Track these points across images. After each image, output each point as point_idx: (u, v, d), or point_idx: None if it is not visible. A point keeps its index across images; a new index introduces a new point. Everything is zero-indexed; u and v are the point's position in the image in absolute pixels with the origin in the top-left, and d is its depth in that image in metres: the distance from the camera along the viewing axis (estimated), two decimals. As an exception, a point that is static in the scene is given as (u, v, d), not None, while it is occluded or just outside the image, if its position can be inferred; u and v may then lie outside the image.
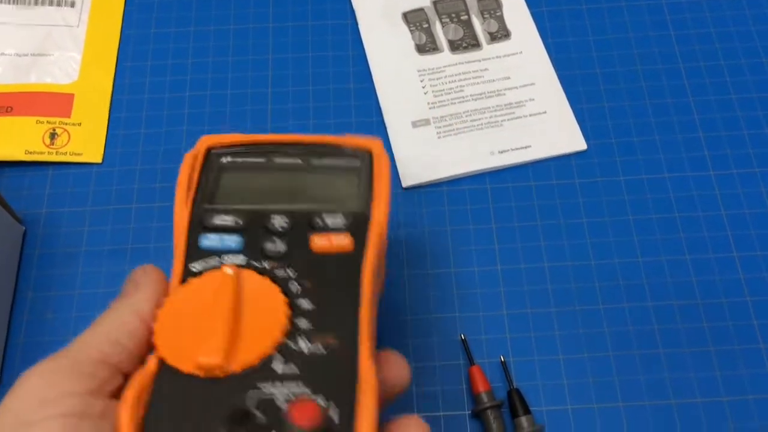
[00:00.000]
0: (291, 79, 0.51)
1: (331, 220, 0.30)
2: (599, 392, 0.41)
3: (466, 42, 0.52)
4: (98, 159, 0.47)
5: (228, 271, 0.28)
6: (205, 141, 0.33)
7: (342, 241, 0.30)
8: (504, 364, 0.41)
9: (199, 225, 0.30)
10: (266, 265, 0.29)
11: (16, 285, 0.44)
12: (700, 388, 0.41)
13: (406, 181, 0.47)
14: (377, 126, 0.49)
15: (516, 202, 0.47)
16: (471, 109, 0.49)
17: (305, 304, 0.28)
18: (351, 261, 0.29)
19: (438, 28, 0.53)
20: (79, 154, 0.47)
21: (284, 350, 0.27)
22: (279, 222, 0.30)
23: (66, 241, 0.45)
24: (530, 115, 0.49)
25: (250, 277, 0.28)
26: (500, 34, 0.52)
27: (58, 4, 0.52)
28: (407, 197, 0.47)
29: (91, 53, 0.51)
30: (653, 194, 0.47)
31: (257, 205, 0.31)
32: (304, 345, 0.27)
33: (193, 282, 0.28)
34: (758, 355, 0.42)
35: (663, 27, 0.52)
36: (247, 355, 0.26)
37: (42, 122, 0.48)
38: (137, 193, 0.47)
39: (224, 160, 0.33)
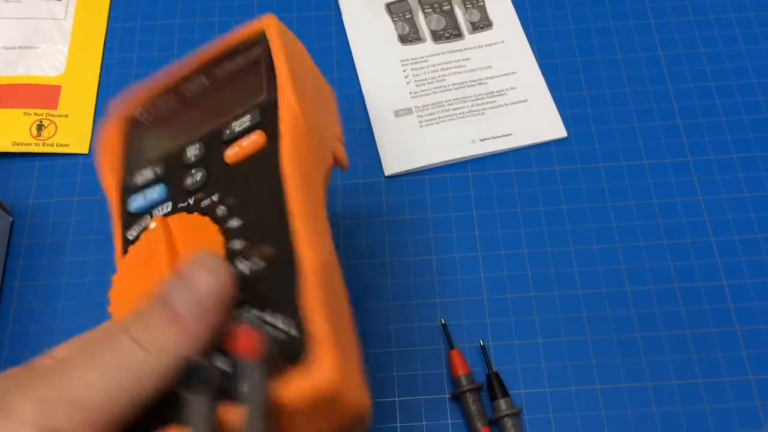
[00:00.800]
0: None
1: (238, 125, 0.29)
2: (577, 375, 0.42)
3: (449, 32, 0.53)
4: (85, 150, 0.48)
5: (152, 225, 0.27)
6: (119, 110, 0.33)
7: (252, 142, 0.28)
8: (483, 348, 0.42)
9: (126, 191, 0.30)
10: (191, 201, 0.28)
11: (4, 275, 0.44)
12: (676, 370, 0.42)
13: (388, 169, 0.48)
14: (360, 115, 0.50)
15: (497, 189, 0.47)
16: (453, 98, 0.50)
17: (234, 222, 0.27)
18: (267, 156, 0.28)
19: (421, 18, 0.53)
20: (65, 145, 0.48)
21: None
22: (192, 152, 0.30)
23: (53, 231, 0.46)
24: (511, 104, 0.50)
25: (181, 220, 0.28)
26: (482, 23, 0.53)
27: (45, -2, 0.53)
28: (389, 185, 0.47)
29: (77, 46, 0.51)
30: (632, 180, 0.47)
31: (173, 145, 0.31)
32: (243, 266, 0.26)
33: (132, 249, 0.27)
34: (734, 338, 0.42)
35: (643, 16, 0.53)
36: None
37: (29, 114, 0.48)
38: (123, 184, 0.47)
39: (139, 117, 0.33)
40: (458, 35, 0.53)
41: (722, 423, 0.40)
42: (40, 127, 0.48)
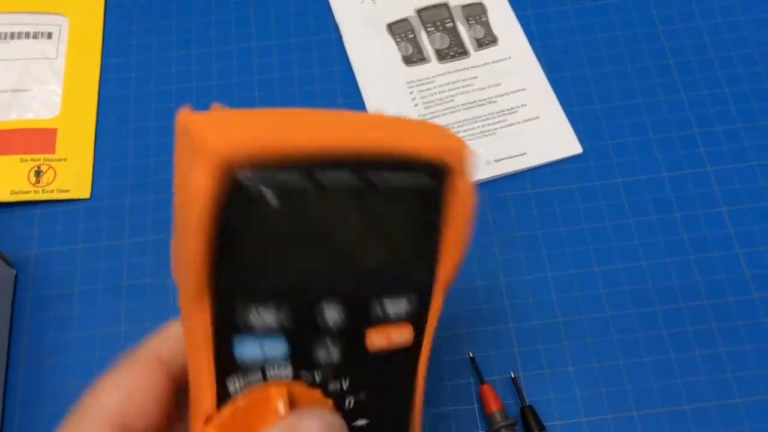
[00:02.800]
0: (277, 99, 0.50)
1: (392, 307, 0.24)
2: (612, 402, 0.40)
3: (453, 50, 0.51)
4: (86, 194, 0.46)
5: (280, 408, 0.22)
6: (218, 152, 0.20)
7: (402, 337, 0.25)
8: (515, 381, 0.41)
9: (228, 321, 0.22)
10: (317, 376, 0.23)
11: (11, 331, 0.43)
12: (714, 391, 0.40)
13: (403, 197, 0.46)
14: (369, 142, 0.48)
15: (515, 211, 0.46)
16: (463, 119, 0.49)
17: (360, 422, 0.24)
18: (408, 359, 0.25)
19: (424, 38, 0.52)
20: (66, 191, 0.46)
21: None
22: (332, 317, 0.23)
23: (58, 282, 0.44)
24: (523, 121, 0.49)
25: (301, 391, 0.23)
26: (487, 39, 0.52)
27: (35, 37, 0.51)
28: (404, 214, 0.46)
29: (72, 85, 0.50)
30: (652, 194, 0.46)
31: (302, 279, 0.23)
32: None
33: (236, 407, 0.22)
34: (769, 354, 0.41)
35: (650, 23, 0.52)
36: None
37: (26, 160, 0.47)
38: (129, 228, 0.46)
39: (264, 190, 0.21)
40: (464, 53, 0.51)
41: (766, 444, 0.39)
42: (38, 173, 0.46)
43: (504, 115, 0.49)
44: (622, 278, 0.44)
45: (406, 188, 0.23)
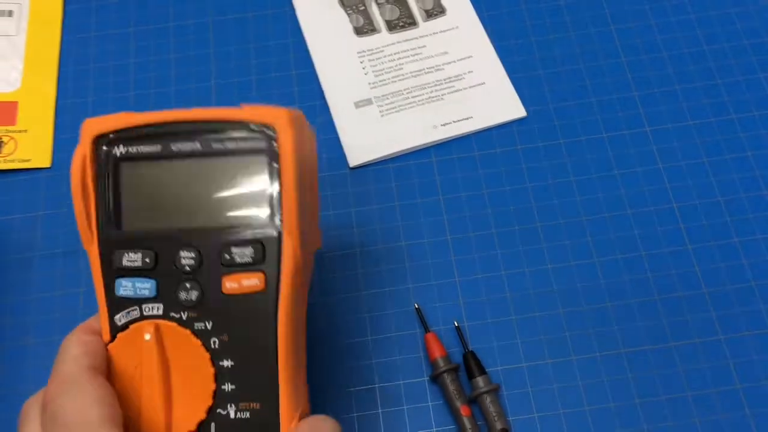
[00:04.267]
0: (234, 72, 0.52)
1: (239, 256, 0.29)
2: (552, 348, 0.42)
3: (403, 21, 0.53)
4: (47, 163, 0.48)
5: (147, 337, 0.29)
6: (90, 128, 0.29)
7: (251, 282, 0.29)
8: (458, 329, 0.42)
9: (111, 266, 0.30)
10: (184, 316, 0.29)
11: (-26, 294, 0.44)
12: (649, 336, 0.42)
13: (353, 161, 0.48)
14: (321, 109, 0.50)
15: (461, 172, 0.48)
16: (411, 86, 0.50)
17: (226, 362, 0.29)
18: (265, 302, 0.29)
19: (374, 9, 0.54)
20: (27, 161, 0.48)
21: (216, 417, 0.29)
22: (187, 260, 0.29)
23: (19, 247, 0.46)
24: (470, 87, 0.50)
25: (173, 331, 0.29)
26: (436, 11, 0.53)
27: (-5, 15, 0.52)
28: (355, 177, 0.48)
29: (32, 60, 0.51)
30: (592, 154, 0.48)
31: (164, 224, 0.30)
32: (231, 410, 0.29)
33: (122, 340, 0.29)
34: (702, 299, 0.43)
35: (593, -8, 0.54)
36: (186, 423, 0.29)
37: (-13, 132, 0.48)
38: (88, 194, 0.47)
39: (117, 152, 0.30)
40: (413, 24, 0.53)
41: (695, 383, 0.41)
42: (-1, 144, 0.48)
43: (451, 81, 0.51)
44: (562, 233, 0.46)
45: (241, 150, 0.29)
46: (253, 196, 0.29)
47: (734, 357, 0.42)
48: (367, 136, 0.49)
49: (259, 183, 0.29)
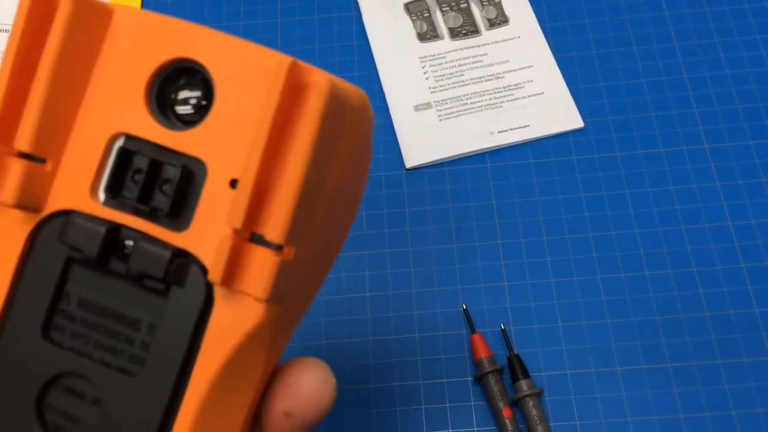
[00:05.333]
0: (298, 70, 0.53)
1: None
2: (597, 357, 0.43)
3: (466, 29, 0.54)
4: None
5: None
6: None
7: None
8: (504, 332, 0.43)
9: None
10: None
11: None
12: (696, 351, 0.42)
13: (409, 161, 0.49)
14: (381, 111, 0.51)
15: (515, 179, 0.48)
16: (471, 92, 0.51)
17: None
18: None
19: (438, 17, 0.55)
20: None
21: None
22: None
23: None
24: (528, 96, 0.51)
25: None
26: (499, 20, 0.54)
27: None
28: (410, 177, 0.49)
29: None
30: (648, 168, 0.48)
31: None
32: None
33: None
34: (753, 318, 0.43)
35: (658, 8, 0.54)
36: None
37: None
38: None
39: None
40: (475, 32, 0.54)
41: (742, 401, 0.41)
42: None
43: (510, 89, 0.51)
44: (614, 244, 0.46)
45: None
46: None
47: (784, 379, 0.41)
48: (424, 139, 0.50)
49: None
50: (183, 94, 0.21)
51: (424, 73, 0.52)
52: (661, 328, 0.43)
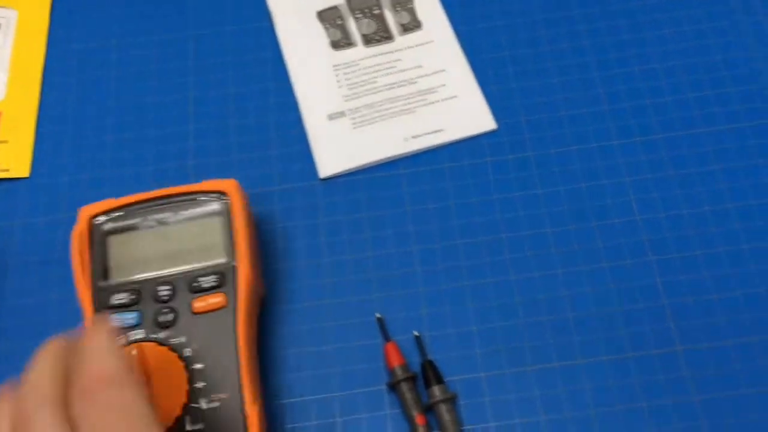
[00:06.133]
0: (213, 84, 0.53)
1: (205, 282, 0.39)
2: (510, 358, 0.43)
3: (380, 35, 0.54)
4: (25, 173, 0.49)
5: (133, 352, 0.36)
6: (86, 212, 0.41)
7: (216, 301, 0.39)
8: (418, 339, 0.43)
9: (101, 306, 0.39)
10: (161, 334, 0.38)
11: (-49, 298, 0.45)
12: (607, 348, 0.43)
13: (323, 171, 0.49)
14: (295, 121, 0.51)
15: (429, 184, 0.48)
16: (385, 98, 0.51)
17: (198, 365, 0.37)
18: (226, 314, 0.38)
19: (352, 24, 0.55)
20: (6, 170, 0.49)
21: (190, 410, 0.36)
22: (164, 292, 0.39)
23: (-3, 254, 0.47)
24: (442, 101, 0.51)
25: (153, 349, 0.37)
26: (412, 25, 0.54)
27: (-17, 28, 0.54)
28: (325, 187, 0.49)
29: (17, 72, 0.53)
30: (560, 167, 0.48)
31: (143, 273, 0.40)
32: (203, 403, 0.36)
33: None
34: (662, 312, 0.43)
35: (567, 8, 0.54)
36: (165, 420, 0.35)
37: (-30, 142, 0.50)
38: (67, 204, 0.48)
39: (106, 226, 0.41)
40: (389, 38, 0.54)
41: (652, 393, 0.41)
42: (-20, 154, 0.49)
43: (424, 94, 0.51)
44: (525, 245, 0.46)
45: (203, 213, 0.41)
46: (214, 244, 0.40)
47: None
48: (338, 148, 0.50)
49: (218, 234, 0.40)
50: None
51: (338, 82, 0.52)
52: (574, 325, 0.43)
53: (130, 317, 0.38)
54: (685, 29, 0.53)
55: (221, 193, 0.41)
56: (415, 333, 0.43)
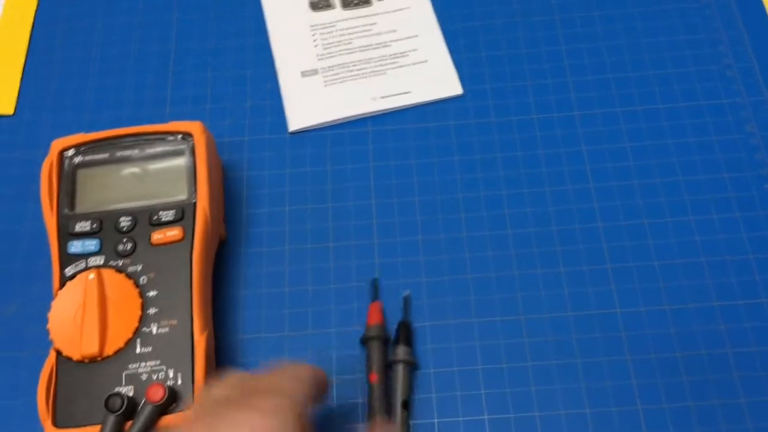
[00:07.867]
0: (194, 37, 0.55)
1: (165, 216, 0.41)
2: (481, 330, 0.44)
3: (358, -1, 0.56)
4: (10, 111, 0.51)
5: (90, 276, 0.39)
6: (57, 145, 0.43)
7: (173, 234, 0.41)
8: (405, 299, 0.45)
9: (65, 232, 0.41)
10: (120, 262, 0.40)
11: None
12: (557, 351, 0.45)
13: (292, 125, 0.51)
14: (270, 77, 0.53)
15: (393, 143, 0.50)
16: (357, 59, 0.53)
17: (152, 293, 0.40)
18: (183, 247, 0.41)
19: (332, -13, 0.56)
20: (-10, 106, 0.51)
21: (141, 334, 0.39)
22: (125, 223, 0.41)
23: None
24: (412, 64, 0.53)
25: (110, 275, 0.40)
26: (390, -9, 0.56)
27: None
28: (293, 140, 0.51)
29: (8, 17, 0.55)
30: (521, 134, 0.50)
31: (107, 206, 0.42)
32: (154, 328, 0.39)
33: (69, 285, 0.39)
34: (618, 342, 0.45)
35: (542, -19, 0.56)
36: (116, 342, 0.38)
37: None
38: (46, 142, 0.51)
39: (75, 159, 0.43)
40: (367, 2, 0.56)
41: (596, 400, 0.43)
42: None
43: (395, 57, 0.53)
44: (482, 205, 0.48)
45: (168, 152, 0.43)
46: (177, 181, 0.42)
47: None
48: (308, 104, 0.51)
49: (181, 172, 0.43)
50: None
51: (314, 41, 0.54)
52: (550, 326, 0.44)
53: (90, 243, 0.41)
54: (653, 9, 0.54)
55: (187, 134, 0.43)
56: (406, 292, 0.45)
